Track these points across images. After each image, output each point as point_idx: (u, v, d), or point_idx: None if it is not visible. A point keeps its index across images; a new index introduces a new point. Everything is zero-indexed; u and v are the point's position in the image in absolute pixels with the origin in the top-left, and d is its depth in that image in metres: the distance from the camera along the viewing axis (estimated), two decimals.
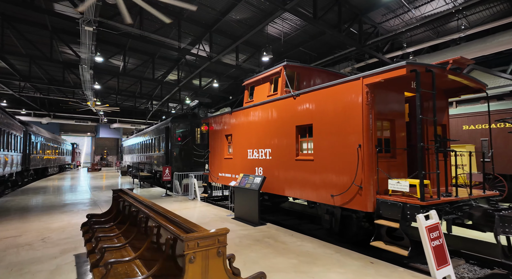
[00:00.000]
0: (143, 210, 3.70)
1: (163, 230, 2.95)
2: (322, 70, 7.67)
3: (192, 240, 2.12)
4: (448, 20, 17.01)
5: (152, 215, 3.33)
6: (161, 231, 3.00)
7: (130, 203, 4.46)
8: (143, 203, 3.97)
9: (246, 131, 8.21)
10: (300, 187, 6.14)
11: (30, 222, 7.77)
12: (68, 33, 18.11)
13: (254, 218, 6.98)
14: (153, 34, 15.82)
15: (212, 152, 10.22)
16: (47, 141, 24.35)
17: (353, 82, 4.90)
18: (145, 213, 3.61)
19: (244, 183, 7.58)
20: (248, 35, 16.72)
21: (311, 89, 5.81)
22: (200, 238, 2.15)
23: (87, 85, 22.29)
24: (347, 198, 4.95)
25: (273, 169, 7.06)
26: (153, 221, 3.23)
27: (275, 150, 6.97)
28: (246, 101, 8.53)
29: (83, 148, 45.82)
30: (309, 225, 8.31)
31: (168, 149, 14.21)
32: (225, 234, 2.27)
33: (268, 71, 7.58)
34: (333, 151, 5.27)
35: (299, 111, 6.16)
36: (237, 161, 8.67)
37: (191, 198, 11.33)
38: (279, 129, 6.81)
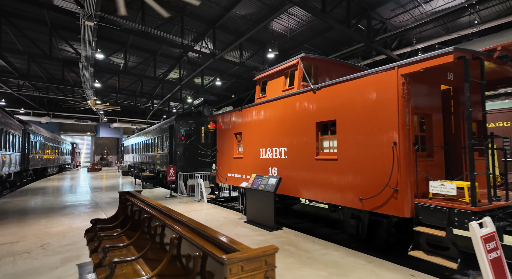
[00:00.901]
0: (157, 216, 3.22)
1: (186, 243, 2.47)
2: (341, 63, 7.18)
3: (235, 263, 1.64)
4: (460, 15, 16.52)
5: (170, 223, 2.85)
6: (184, 245, 2.52)
7: (141, 208, 3.98)
8: (156, 208, 3.48)
9: (258, 129, 7.73)
10: (320, 189, 5.66)
11: (28, 226, 7.28)
12: (67, 30, 17.59)
13: (269, 222, 6.50)
14: (156, 30, 15.31)
15: (220, 151, 9.73)
16: (46, 140, 23.83)
17: (386, 73, 4.42)
18: (160, 220, 3.13)
19: (257, 184, 7.10)
20: (253, 31, 16.23)
21: (335, 81, 5.33)
22: (244, 259, 1.67)
23: (87, 84, 21.80)
24: (379, 202, 4.47)
25: (289, 169, 6.57)
26: (172, 231, 2.74)
27: (292, 148, 6.49)
28: (257, 97, 8.04)
29: (83, 147, 45.29)
30: (326, 229, 7.83)
31: (172, 148, 13.70)
32: (274, 253, 1.79)
33: (283, 65, 7.09)
34: (362, 149, 4.79)
35: (320, 106, 5.68)
36: (248, 161, 8.19)
37: (197, 199, 10.85)
38: (296, 127, 6.32)
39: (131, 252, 3.56)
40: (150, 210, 3.58)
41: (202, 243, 2.16)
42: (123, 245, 3.51)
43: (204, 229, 2.28)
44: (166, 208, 3.26)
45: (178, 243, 2.62)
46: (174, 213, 2.97)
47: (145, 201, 3.98)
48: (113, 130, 44.39)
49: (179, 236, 2.61)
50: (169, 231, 2.87)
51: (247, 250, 1.75)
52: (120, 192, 5.07)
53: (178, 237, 2.62)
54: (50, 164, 25.95)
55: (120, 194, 5.04)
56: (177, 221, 2.83)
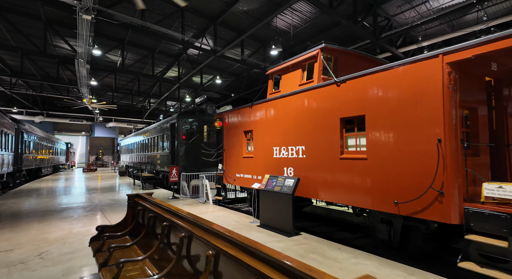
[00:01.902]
0: (181, 224, 2.73)
1: (228, 263, 1.98)
2: (362, 55, 6.73)
3: None
4: (467, 11, 16.22)
5: (200, 234, 2.37)
6: (226, 265, 2.03)
7: (156, 214, 3.48)
8: (178, 214, 2.97)
9: (271, 127, 7.25)
10: (345, 191, 5.21)
11: (23, 232, 6.71)
12: (63, 25, 16.93)
13: (286, 227, 6.02)
14: (155, 25, 14.76)
15: (228, 150, 9.24)
16: (40, 139, 23.10)
17: (428, 61, 3.97)
18: (185, 230, 2.64)
19: (272, 185, 6.62)
20: (256, 27, 15.73)
21: (364, 73, 4.87)
22: None
23: (83, 82, 21.12)
24: (420, 206, 4.03)
25: (308, 170, 6.10)
26: (206, 245, 2.26)
27: (311, 147, 6.02)
28: (270, 92, 7.55)
29: (78, 147, 44.40)
30: (344, 233, 7.38)
31: (174, 147, 13.16)
32: None
33: (300, 57, 6.61)
34: (397, 147, 4.33)
35: (345, 100, 5.22)
36: (259, 160, 7.70)
37: (202, 201, 10.34)
38: (317, 123, 5.85)
39: (148, 267, 3.06)
40: (170, 217, 3.08)
41: (257, 265, 1.67)
42: (140, 258, 3.01)
43: (257, 246, 1.80)
44: (192, 215, 2.76)
45: (215, 261, 2.13)
46: (204, 222, 2.47)
47: (161, 205, 3.48)
48: (109, 130, 43.58)
49: (216, 251, 2.13)
50: (201, 245, 2.38)
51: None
52: (129, 195, 4.55)
53: (215, 254, 2.13)
54: (44, 164, 25.20)
55: (128, 197, 4.52)
56: (210, 232, 2.33)
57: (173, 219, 2.97)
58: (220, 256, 2.10)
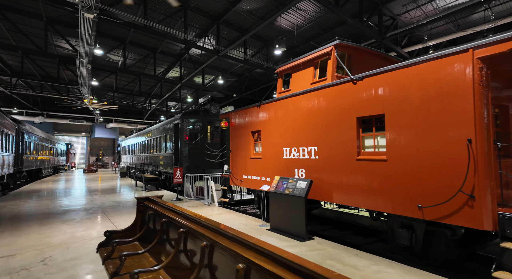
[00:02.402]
0: (201, 232, 2.49)
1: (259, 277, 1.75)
2: (376, 53, 6.51)
3: None
4: (473, 11, 16.05)
5: (224, 244, 2.13)
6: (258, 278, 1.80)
7: (170, 219, 3.24)
8: (196, 220, 2.74)
9: (280, 127, 7.02)
10: (362, 193, 4.97)
11: (25, 235, 6.47)
12: (64, 24, 16.71)
13: (299, 231, 5.79)
14: (158, 24, 14.55)
15: (234, 151, 9.01)
16: (41, 140, 22.85)
17: (457, 57, 3.74)
18: (206, 238, 2.40)
19: (282, 187, 6.39)
20: (260, 27, 15.53)
21: (383, 70, 4.64)
22: None
23: (84, 82, 20.90)
24: (447, 210, 3.80)
25: (321, 171, 5.87)
26: (231, 255, 2.03)
27: (324, 147, 5.79)
28: (279, 91, 7.32)
29: (78, 148, 44.14)
30: (356, 237, 7.15)
31: (178, 148, 12.92)
32: None
33: (312, 54, 6.38)
34: (421, 148, 4.10)
35: (362, 99, 4.99)
36: (268, 161, 7.47)
37: (207, 203, 10.10)
38: (331, 123, 5.62)
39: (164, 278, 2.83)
40: (187, 223, 2.84)
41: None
42: (156, 268, 2.77)
43: (301, 262, 1.56)
44: (213, 221, 2.53)
45: (246, 276, 1.90)
46: (230, 231, 2.24)
47: (175, 210, 3.24)
48: (109, 131, 43.33)
49: (247, 265, 1.90)
50: (227, 257, 2.14)
51: None
52: (138, 198, 4.32)
53: (246, 268, 1.90)
54: (45, 165, 24.95)
55: (138, 201, 4.29)
56: (238, 242, 2.10)
57: (191, 226, 2.74)
58: (251, 270, 1.87)
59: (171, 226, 3.22)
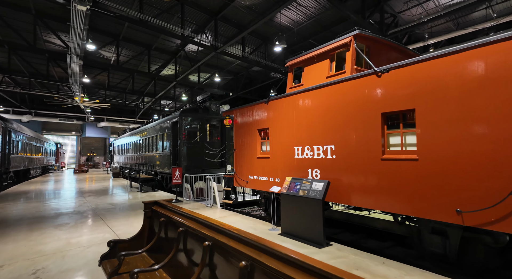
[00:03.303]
0: (239, 249, 2.05)
1: None
2: (395, 45, 6.12)
3: None
4: (474, 9, 15.94)
5: (272, 265, 1.70)
6: None
7: (188, 228, 2.78)
8: (229, 233, 2.29)
9: (291, 124, 6.59)
10: (387, 196, 4.58)
11: (14, 242, 5.91)
12: (54, 19, 16.00)
13: (316, 236, 5.37)
14: (154, 19, 13.99)
15: (239, 150, 8.55)
16: (29, 139, 21.98)
17: (508, 43, 3.37)
18: (246, 257, 1.96)
19: (295, 189, 5.97)
20: (260, 23, 15.06)
21: (413, 61, 4.25)
22: None
23: (75, 79, 20.14)
24: (494, 216, 3.42)
25: (338, 172, 5.46)
26: (272, 274, 1.59)
27: (342, 146, 5.39)
28: (290, 86, 6.89)
29: (68, 148, 43.00)
30: (372, 241, 6.77)
31: (176, 147, 12.40)
32: None
33: (327, 46, 5.96)
34: (462, 146, 3.71)
35: (388, 93, 4.60)
36: (276, 161, 7.04)
37: (209, 205, 9.62)
38: (350, 120, 5.22)
39: None
40: (213, 235, 2.39)
41: None
42: None
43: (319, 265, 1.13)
44: (252, 235, 2.09)
45: None
46: (275, 246, 1.80)
47: (196, 218, 2.77)
48: (100, 130, 42.33)
49: None
50: (264, 273, 1.70)
51: None
52: (146, 202, 3.83)
53: None
54: (33, 165, 24.05)
55: (145, 205, 3.80)
56: (274, 255, 1.66)
57: (219, 238, 2.28)
58: None
59: (190, 236, 2.76)
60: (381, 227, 7.37)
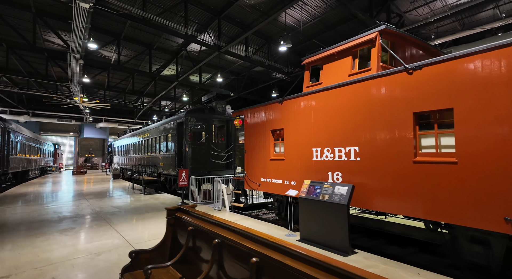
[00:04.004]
0: (295, 266, 1.76)
1: None
2: (419, 42, 5.87)
3: None
4: (481, 9, 15.81)
5: None
6: None
7: (224, 240, 2.49)
8: (271, 244, 2.01)
9: (309, 125, 6.32)
10: (419, 201, 4.31)
11: (19, 249, 5.58)
12: (55, 17, 15.66)
13: (340, 243, 5.09)
14: (157, 17, 13.69)
15: (250, 151, 8.26)
16: (28, 140, 21.56)
17: None
18: (305, 276, 1.68)
19: (315, 193, 5.69)
20: (265, 22, 14.82)
21: (450, 57, 3.99)
22: None
23: (75, 79, 19.77)
24: None
25: (363, 175, 5.19)
26: None
27: (368, 148, 5.12)
28: (307, 85, 6.61)
29: (66, 148, 42.46)
30: (392, 247, 6.50)
31: (181, 148, 12.08)
32: None
33: (349, 42, 5.70)
34: None
35: (420, 91, 4.33)
36: (292, 163, 6.76)
37: (217, 208, 9.32)
38: (377, 120, 4.95)
39: None
40: (261, 250, 2.10)
41: None
42: None
43: None
44: (315, 254, 1.80)
45: None
46: (343, 266, 1.52)
47: (236, 229, 2.49)
48: (99, 131, 41.85)
49: None
50: None
51: None
52: (169, 208, 3.53)
53: None
54: (32, 166, 23.61)
55: (168, 212, 3.50)
56: None
57: (273, 256, 2.00)
58: None
59: (228, 250, 2.47)
60: (399, 232, 7.11)
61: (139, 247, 5.56)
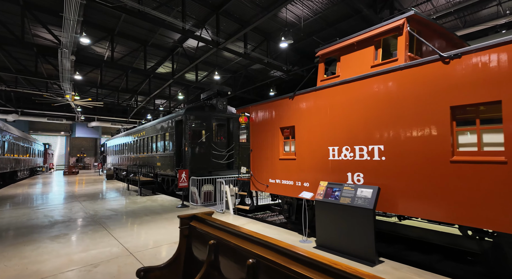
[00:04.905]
0: None
1: None
2: (446, 32, 5.44)
3: None
4: (484, 6, 15.59)
5: None
6: None
7: (260, 259, 1.99)
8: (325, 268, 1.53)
9: (324, 121, 5.84)
10: (459, 205, 3.86)
11: (5, 260, 4.98)
12: (44, 11, 14.94)
13: (364, 252, 4.62)
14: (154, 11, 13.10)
15: (256, 150, 7.76)
16: (16, 139, 20.70)
17: None
18: None
19: (334, 195, 5.22)
20: (265, 18, 14.36)
21: (500, 42, 3.55)
22: None
23: (66, 76, 19.00)
24: None
25: (389, 176, 4.72)
26: None
27: (394, 146, 4.66)
28: (321, 79, 6.14)
29: (56, 148, 41.33)
30: (413, 253, 6.06)
31: (181, 147, 11.51)
32: None
33: (372, 30, 5.22)
34: None
35: (458, 83, 3.89)
36: (305, 163, 6.27)
37: (220, 211, 8.79)
38: (406, 115, 4.49)
39: None
40: (303, 271, 1.61)
41: None
42: None
43: None
44: None
45: None
46: None
47: (272, 245, 1.99)
48: (91, 130, 40.82)
49: None
50: None
51: None
52: (182, 217, 3.01)
53: None
54: (21, 166, 22.73)
55: (181, 221, 2.98)
56: None
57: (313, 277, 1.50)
58: None
59: (265, 272, 1.97)
60: (416, 236, 6.69)
61: (140, 256, 5.02)
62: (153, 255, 5.05)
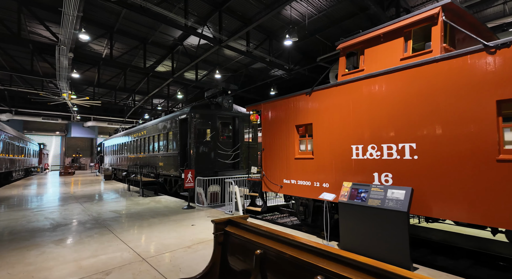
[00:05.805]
0: None
1: None
2: (478, 23, 5.18)
3: None
4: (490, 4, 15.48)
5: None
6: None
7: (331, 276, 1.68)
8: None
9: (346, 118, 5.54)
10: (506, 209, 3.59)
11: (9, 266, 4.60)
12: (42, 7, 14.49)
13: (398, 258, 4.32)
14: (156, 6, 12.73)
15: (268, 149, 7.44)
16: (11, 139, 20.14)
17: None
18: None
19: (360, 197, 4.92)
20: (268, 16, 14.04)
21: None
22: None
23: (63, 74, 18.52)
24: None
25: (422, 176, 4.44)
26: None
27: (428, 144, 4.37)
28: (343, 73, 5.84)
29: (51, 148, 40.59)
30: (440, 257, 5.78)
31: (185, 147, 11.13)
32: None
33: (401, 21, 4.94)
34: None
35: (506, 75, 3.62)
36: (324, 162, 5.96)
37: (229, 212, 8.45)
38: (442, 111, 4.20)
39: None
40: None
41: None
42: None
43: None
44: None
45: None
46: None
47: (341, 258, 1.68)
48: (87, 130, 40.16)
49: None
50: None
51: None
52: (217, 221, 2.68)
53: None
54: (16, 167, 22.13)
55: (216, 227, 2.65)
56: None
57: None
58: None
59: None
60: (438, 239, 6.42)
61: (155, 262, 4.67)
62: (169, 262, 4.70)
